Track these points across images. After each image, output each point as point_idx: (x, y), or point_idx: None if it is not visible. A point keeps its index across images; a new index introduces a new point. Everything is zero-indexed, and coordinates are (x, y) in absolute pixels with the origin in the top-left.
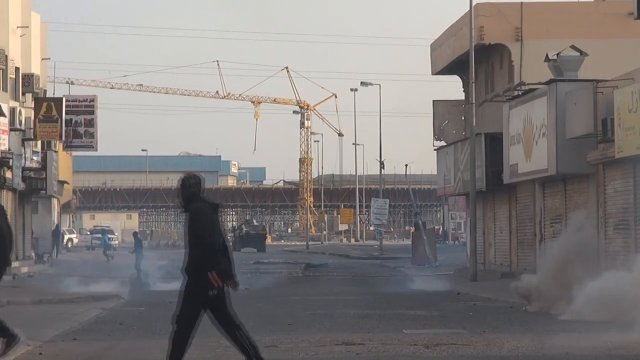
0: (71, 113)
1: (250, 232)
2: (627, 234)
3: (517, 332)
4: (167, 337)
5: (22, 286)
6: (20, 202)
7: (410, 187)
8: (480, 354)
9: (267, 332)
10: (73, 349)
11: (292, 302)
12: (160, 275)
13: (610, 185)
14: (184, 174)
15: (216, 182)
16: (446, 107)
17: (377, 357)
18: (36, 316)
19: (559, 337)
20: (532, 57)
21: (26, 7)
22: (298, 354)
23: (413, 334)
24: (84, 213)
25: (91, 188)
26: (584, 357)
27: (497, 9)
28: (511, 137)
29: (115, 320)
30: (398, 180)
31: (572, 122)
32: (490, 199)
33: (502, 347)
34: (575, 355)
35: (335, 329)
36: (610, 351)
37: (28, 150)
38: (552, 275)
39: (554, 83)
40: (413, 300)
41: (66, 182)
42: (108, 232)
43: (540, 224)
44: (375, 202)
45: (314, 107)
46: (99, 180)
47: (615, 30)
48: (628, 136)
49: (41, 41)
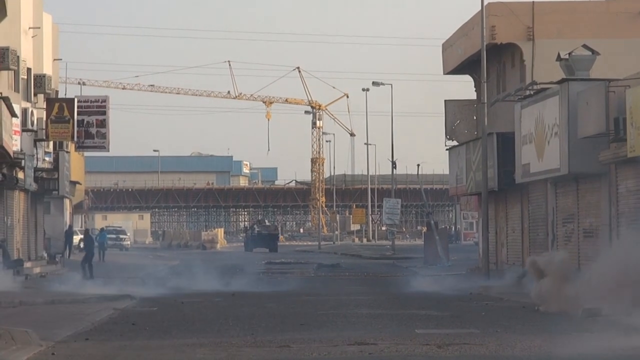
0: (83, 114)
1: (263, 232)
2: (639, 232)
3: (530, 332)
4: (180, 337)
5: (34, 287)
6: (33, 202)
7: (422, 187)
8: (492, 353)
9: (280, 332)
10: (86, 349)
11: (304, 302)
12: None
13: (623, 185)
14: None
15: (228, 183)
16: (458, 107)
17: (389, 357)
18: (49, 316)
19: (572, 337)
20: (543, 57)
21: (38, 8)
22: (310, 354)
23: (425, 333)
24: (96, 213)
25: (103, 188)
26: (596, 357)
27: (509, 9)
28: (523, 136)
29: (127, 321)
30: (410, 180)
31: (584, 122)
32: (502, 198)
33: (515, 347)
34: (588, 355)
35: (348, 328)
36: (624, 351)
37: (40, 151)
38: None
39: (566, 82)
40: (425, 300)
41: (78, 183)
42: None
43: (552, 223)
44: (387, 202)
45: (326, 107)
46: (111, 180)
47: (627, 30)
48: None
49: (53, 42)
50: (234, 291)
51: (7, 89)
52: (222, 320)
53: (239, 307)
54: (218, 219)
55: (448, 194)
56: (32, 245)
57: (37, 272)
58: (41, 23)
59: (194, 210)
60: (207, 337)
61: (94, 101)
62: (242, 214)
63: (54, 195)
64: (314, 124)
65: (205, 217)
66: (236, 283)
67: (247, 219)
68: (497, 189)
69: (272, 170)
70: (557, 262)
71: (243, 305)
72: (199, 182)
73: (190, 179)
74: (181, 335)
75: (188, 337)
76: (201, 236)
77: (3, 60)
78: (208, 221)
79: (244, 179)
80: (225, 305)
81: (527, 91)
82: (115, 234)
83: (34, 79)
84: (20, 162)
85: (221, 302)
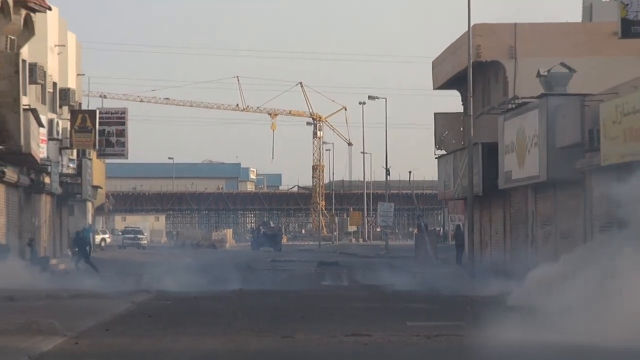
0: (104, 124)
1: (268, 233)
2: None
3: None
4: (192, 328)
5: (59, 282)
6: (58, 205)
7: (414, 192)
8: (477, 343)
9: (283, 324)
10: (106, 339)
11: (305, 296)
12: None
13: (597, 191)
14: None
15: (236, 188)
16: (446, 119)
17: (383, 347)
18: (72, 309)
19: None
20: (524, 74)
21: (63, 27)
22: (311, 344)
23: (416, 326)
24: (116, 215)
25: (122, 192)
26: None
27: (493, 30)
28: (506, 146)
29: (144, 313)
30: (402, 185)
31: (562, 133)
32: (486, 203)
33: (497, 338)
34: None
35: (345, 321)
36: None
37: (65, 158)
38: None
39: (545, 97)
40: (416, 295)
41: (100, 187)
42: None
43: (532, 226)
44: (381, 206)
45: (326, 119)
46: (130, 185)
47: (601, 49)
48: (612, 145)
49: (76, 58)
50: (242, 286)
51: (34, 101)
52: (230, 313)
53: (246, 301)
54: (227, 220)
55: (437, 199)
56: (57, 244)
57: (61, 269)
58: (66, 41)
59: (205, 212)
60: (217, 328)
61: (114, 113)
62: (249, 216)
63: (78, 199)
64: (315, 134)
65: (216, 218)
66: (244, 279)
67: (253, 220)
68: (482, 194)
69: (277, 177)
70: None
71: (250, 300)
72: (209, 187)
73: (202, 184)
74: (193, 327)
75: (200, 328)
76: (212, 236)
77: (31, 75)
78: (218, 222)
79: (251, 184)
80: (233, 299)
81: (509, 105)
82: (133, 234)
83: (59, 92)
84: (46, 168)
85: (230, 297)
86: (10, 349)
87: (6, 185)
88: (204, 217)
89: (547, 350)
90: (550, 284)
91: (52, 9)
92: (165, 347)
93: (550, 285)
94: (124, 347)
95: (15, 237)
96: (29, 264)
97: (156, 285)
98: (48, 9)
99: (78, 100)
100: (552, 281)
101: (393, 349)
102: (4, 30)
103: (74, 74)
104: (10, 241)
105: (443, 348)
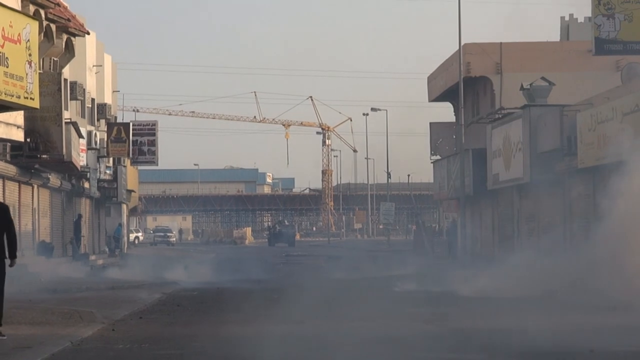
0: (137, 135)
1: (283, 230)
2: (587, 230)
3: (500, 308)
4: (216, 315)
5: (97, 275)
6: (96, 207)
7: (412, 193)
8: (471, 326)
9: (295, 311)
10: (140, 325)
11: (315, 287)
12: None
13: (575, 190)
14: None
15: (254, 190)
16: (440, 128)
17: (385, 330)
18: (109, 299)
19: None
20: (509, 87)
21: (100, 49)
22: (322, 328)
23: (414, 312)
24: (148, 216)
25: (153, 195)
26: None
27: (481, 48)
28: (493, 152)
29: (173, 302)
30: (402, 187)
31: (543, 140)
32: (476, 202)
33: (489, 320)
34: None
35: (351, 308)
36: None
37: (102, 166)
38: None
39: (528, 108)
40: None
41: (133, 191)
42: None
43: (517, 222)
44: (383, 206)
45: (334, 129)
46: (160, 189)
47: (577, 65)
48: (588, 150)
49: (112, 77)
50: (260, 278)
51: (75, 115)
52: (250, 301)
53: (264, 292)
54: (246, 219)
55: (433, 199)
56: (96, 242)
57: (100, 264)
58: (103, 62)
59: (227, 212)
60: (239, 315)
61: (146, 125)
62: (266, 216)
63: (114, 201)
64: (324, 142)
65: (236, 218)
66: (262, 271)
67: (270, 219)
68: (473, 194)
69: (290, 180)
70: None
71: (267, 290)
72: (231, 190)
73: (223, 188)
74: (217, 314)
75: (223, 315)
76: (233, 234)
77: (72, 92)
78: (238, 221)
79: (268, 187)
80: (253, 289)
81: (496, 115)
82: (163, 232)
83: (97, 107)
84: (86, 175)
85: (250, 287)
86: (55, 335)
87: (50, 190)
88: (225, 216)
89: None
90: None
91: (90, 33)
92: (192, 333)
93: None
94: (155, 333)
95: (59, 236)
96: (70, 260)
97: (184, 277)
98: (87, 33)
99: (114, 114)
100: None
101: (395, 331)
102: (48, 52)
103: (109, 90)
104: (54, 240)
105: (438, 331)
